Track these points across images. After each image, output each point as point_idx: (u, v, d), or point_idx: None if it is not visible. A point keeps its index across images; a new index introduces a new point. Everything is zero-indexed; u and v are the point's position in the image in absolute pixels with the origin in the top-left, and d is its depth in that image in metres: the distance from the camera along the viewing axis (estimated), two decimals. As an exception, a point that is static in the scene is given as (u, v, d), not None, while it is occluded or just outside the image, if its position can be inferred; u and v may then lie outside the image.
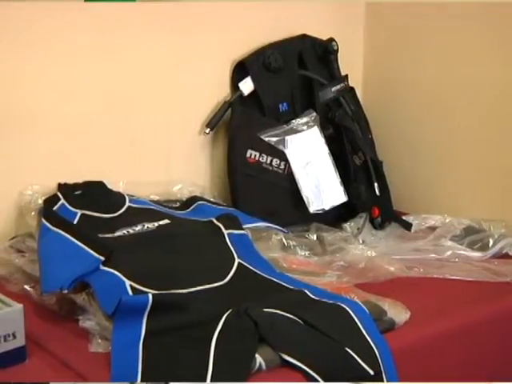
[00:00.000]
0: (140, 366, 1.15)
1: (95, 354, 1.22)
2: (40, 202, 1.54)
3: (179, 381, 1.12)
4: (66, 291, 1.30)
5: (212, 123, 1.78)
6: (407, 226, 1.76)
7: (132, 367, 1.15)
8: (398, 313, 1.33)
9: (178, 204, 1.68)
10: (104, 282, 1.30)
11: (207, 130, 1.78)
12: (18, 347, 1.19)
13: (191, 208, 1.66)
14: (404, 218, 1.80)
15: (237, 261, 1.43)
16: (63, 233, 1.43)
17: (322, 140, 1.80)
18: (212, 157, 1.84)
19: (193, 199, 1.69)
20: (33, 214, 1.53)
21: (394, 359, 1.23)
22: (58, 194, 1.56)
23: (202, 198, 1.69)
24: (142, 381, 1.12)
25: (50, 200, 1.54)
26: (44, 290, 1.34)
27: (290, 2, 1.86)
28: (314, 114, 1.80)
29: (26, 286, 1.42)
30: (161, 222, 1.52)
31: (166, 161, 1.77)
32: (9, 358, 1.17)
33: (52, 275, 1.35)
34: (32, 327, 1.23)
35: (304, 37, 1.88)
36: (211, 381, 1.11)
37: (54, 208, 1.52)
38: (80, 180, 1.60)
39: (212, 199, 1.73)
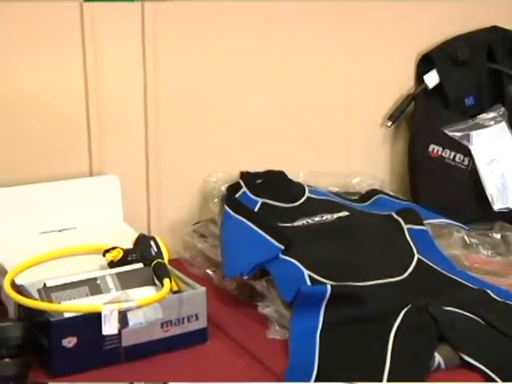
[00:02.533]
0: (317, 355, 1.16)
1: (273, 341, 1.25)
2: (223, 189, 1.58)
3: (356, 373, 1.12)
4: (246, 277, 1.33)
5: (394, 116, 1.75)
6: None
7: (309, 356, 1.16)
8: None
9: (357, 196, 1.67)
10: (283, 271, 1.32)
11: (389, 123, 1.76)
12: (200, 328, 1.23)
13: (370, 201, 1.64)
14: None
15: (416, 256, 1.40)
16: (245, 220, 1.46)
17: (510, 136, 1.73)
18: (393, 150, 1.82)
19: (372, 192, 1.67)
20: (216, 200, 1.57)
21: None
22: (240, 181, 1.59)
23: (381, 192, 1.68)
24: (318, 371, 1.13)
25: (233, 187, 1.58)
26: (225, 275, 1.37)
27: (479, -7, 1.81)
28: (503, 108, 1.73)
29: (208, 270, 1.47)
30: (340, 214, 1.52)
31: (346, 152, 1.77)
32: (191, 339, 1.22)
33: (233, 261, 1.38)
34: (213, 310, 1.27)
35: (494, 29, 1.81)
36: (388, 375, 1.10)
37: (237, 195, 1.56)
38: (261, 169, 1.63)
39: (391, 193, 1.71)
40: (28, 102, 1.43)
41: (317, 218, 1.50)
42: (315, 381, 1.10)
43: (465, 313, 1.23)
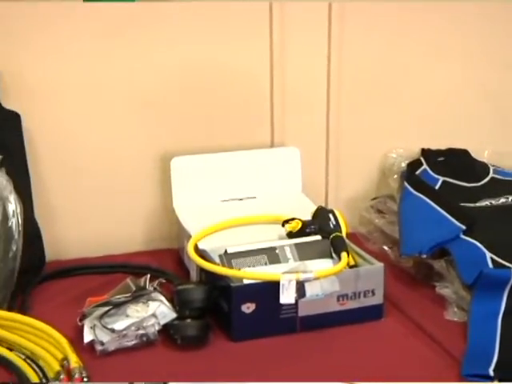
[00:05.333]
0: (498, 341, 1.12)
1: (450, 322, 1.22)
2: (403, 165, 1.56)
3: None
4: (424, 256, 1.31)
5: None
6: None
7: (489, 341, 1.12)
8: None
9: (546, 179, 1.60)
10: (464, 252, 1.28)
11: None
12: (375, 304, 1.22)
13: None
14: None
15: None
16: (425, 198, 1.43)
17: None
18: None
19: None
20: (395, 176, 1.55)
21: None
22: (421, 158, 1.56)
23: None
24: (499, 356, 1.09)
25: (413, 164, 1.55)
26: (403, 253, 1.35)
27: None
28: None
29: (385, 247, 1.45)
30: (527, 197, 1.47)
31: (536, 132, 1.69)
32: (366, 314, 1.21)
33: (412, 239, 1.36)
34: (389, 287, 1.25)
35: None
36: None
37: (417, 172, 1.53)
38: (443, 146, 1.59)
39: None
40: (218, 75, 1.48)
41: (501, 200, 1.45)
42: (495, 367, 1.06)
43: None
